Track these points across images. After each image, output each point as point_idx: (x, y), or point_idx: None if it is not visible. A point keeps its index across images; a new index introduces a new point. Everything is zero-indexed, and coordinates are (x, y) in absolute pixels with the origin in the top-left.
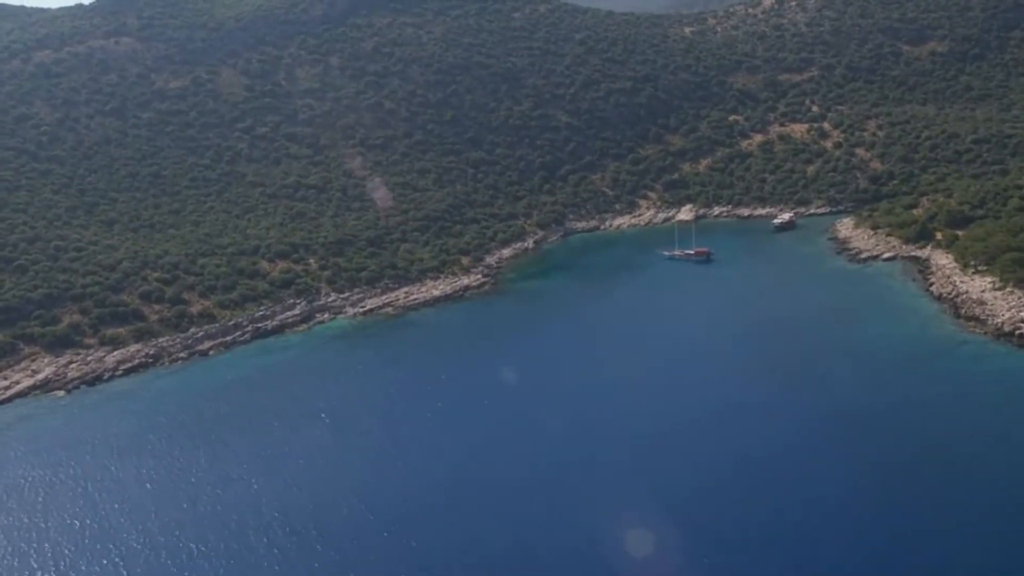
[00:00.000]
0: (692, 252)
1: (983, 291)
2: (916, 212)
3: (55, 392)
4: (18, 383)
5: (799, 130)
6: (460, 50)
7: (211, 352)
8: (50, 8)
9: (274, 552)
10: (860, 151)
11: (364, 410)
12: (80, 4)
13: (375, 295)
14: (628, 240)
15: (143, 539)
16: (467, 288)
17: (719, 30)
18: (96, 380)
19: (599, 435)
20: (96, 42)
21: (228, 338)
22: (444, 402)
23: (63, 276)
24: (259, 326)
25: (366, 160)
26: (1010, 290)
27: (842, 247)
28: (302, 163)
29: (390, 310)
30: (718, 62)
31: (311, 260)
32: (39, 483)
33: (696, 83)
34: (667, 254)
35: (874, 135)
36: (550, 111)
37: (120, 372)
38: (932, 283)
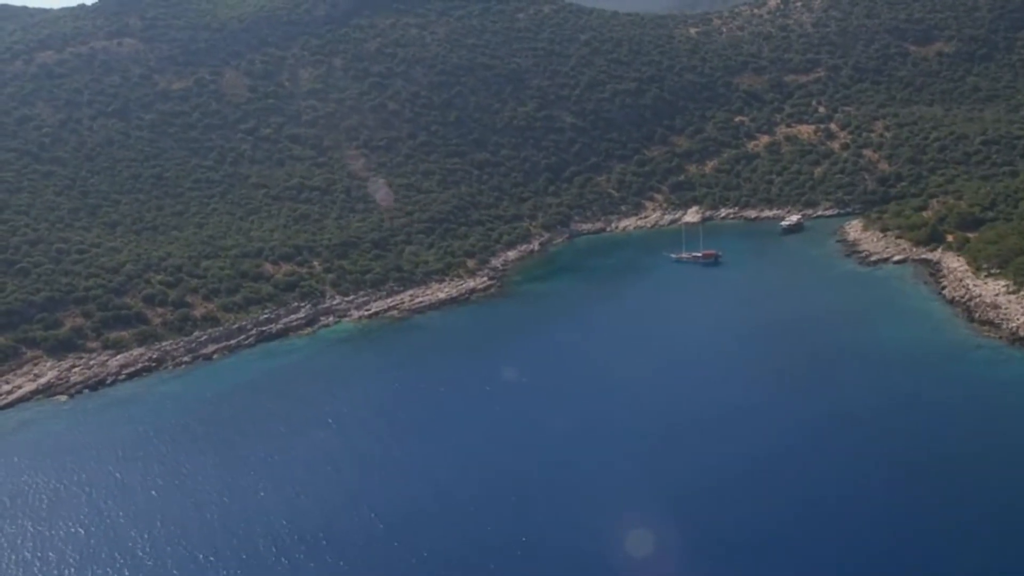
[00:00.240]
0: (700, 254)
1: (997, 295)
2: (926, 214)
3: (57, 397)
4: (20, 387)
5: (806, 131)
6: (464, 51)
7: (215, 356)
8: (52, 8)
9: (283, 562)
10: (868, 152)
11: (371, 414)
12: (82, 4)
13: (380, 298)
14: (634, 242)
15: (149, 547)
16: (473, 291)
17: (724, 31)
18: (99, 384)
19: (609, 439)
20: (99, 43)
21: (232, 342)
22: (452, 406)
23: (65, 279)
24: (263, 329)
25: (370, 161)
26: None
27: (851, 249)
28: (306, 165)
29: (395, 313)
30: (724, 63)
31: (315, 262)
32: (43, 489)
33: (702, 84)
34: (674, 256)
35: (881, 136)
36: (555, 112)
37: (123, 376)
38: (944, 286)
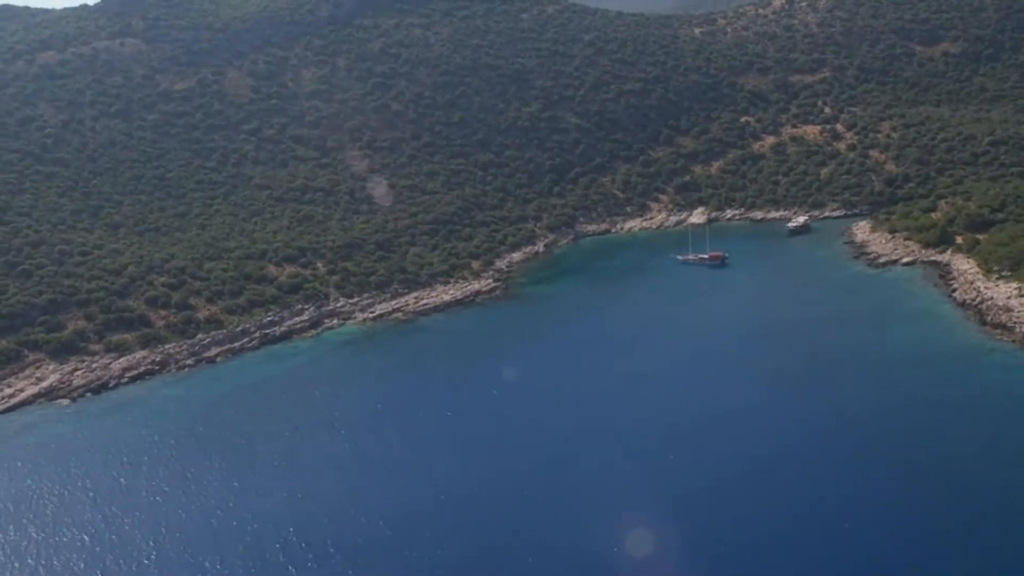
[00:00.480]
0: (706, 256)
1: (1009, 297)
2: (935, 216)
3: (60, 400)
4: (22, 391)
5: (812, 132)
6: (468, 51)
7: (218, 359)
8: (54, 9)
9: (290, 570)
10: (874, 153)
11: (377, 418)
12: (85, 5)
13: (384, 300)
14: (640, 243)
15: (155, 554)
16: (478, 293)
17: (729, 31)
18: (102, 388)
19: (618, 441)
20: (101, 43)
21: (236, 344)
22: (458, 409)
23: (68, 281)
24: (267, 332)
25: (373, 162)
26: None
27: (859, 251)
28: (309, 165)
29: (400, 315)
30: (728, 63)
31: (319, 264)
32: (48, 494)
33: (707, 84)
34: (681, 258)
35: (888, 137)
36: (559, 113)
37: (126, 380)
38: (955, 289)
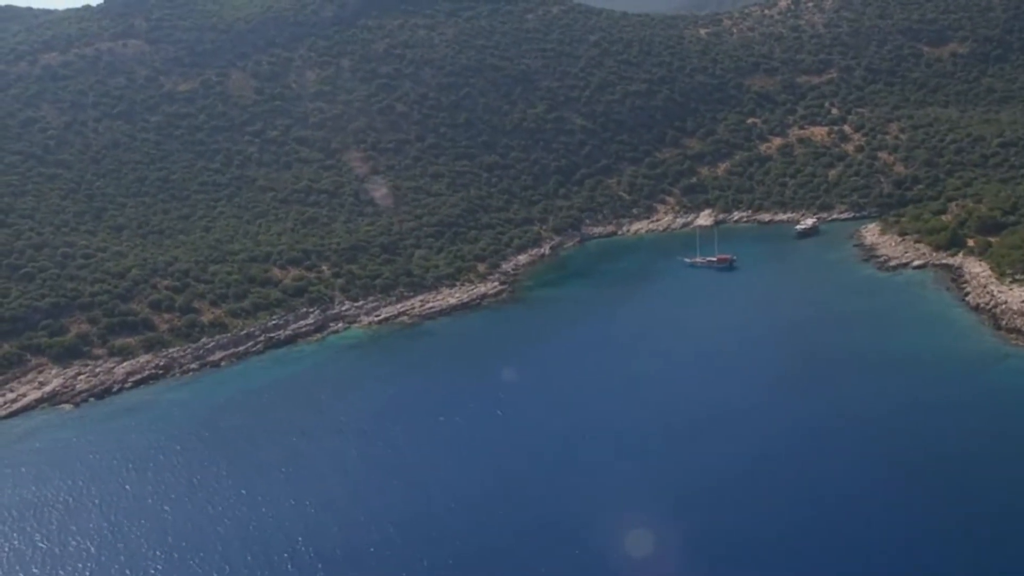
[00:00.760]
0: (714, 259)
1: (1023, 301)
2: (945, 218)
3: (63, 405)
4: (25, 396)
5: (819, 133)
6: (472, 52)
7: (223, 363)
8: (57, 10)
9: None
10: (883, 155)
11: (385, 423)
12: (87, 6)
13: (390, 303)
14: (647, 246)
15: (164, 564)
16: (484, 296)
17: (735, 31)
18: (105, 393)
19: (626, 444)
20: (104, 44)
21: (240, 348)
22: (466, 414)
23: (71, 284)
24: (272, 336)
25: (378, 164)
26: None
27: (869, 254)
28: (313, 167)
29: (406, 319)
30: (735, 64)
31: (324, 267)
32: (53, 502)
33: (713, 85)
34: (688, 261)
35: (897, 138)
36: (565, 114)
37: (130, 384)
38: (967, 293)
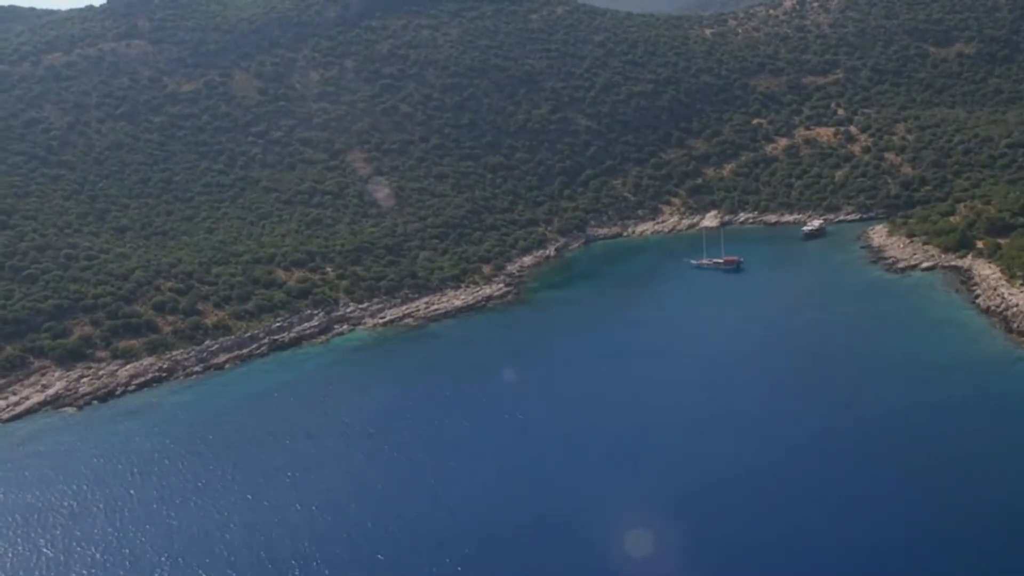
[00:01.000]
0: (721, 260)
1: None
2: (954, 219)
3: (66, 408)
4: (28, 399)
5: (825, 134)
6: (477, 52)
7: (227, 366)
8: (60, 10)
9: None
10: (890, 156)
11: (392, 426)
12: (91, 6)
13: (395, 305)
14: (653, 247)
15: (170, 570)
16: (489, 298)
17: (740, 32)
18: (109, 395)
19: (631, 445)
20: (107, 44)
21: (244, 351)
22: (472, 417)
23: (74, 286)
24: (276, 338)
25: (382, 165)
26: None
27: (877, 256)
28: (317, 168)
29: (411, 321)
30: (740, 64)
31: (328, 269)
32: (57, 507)
33: (718, 86)
34: (695, 262)
35: (903, 139)
36: (569, 114)
37: (133, 387)
38: (978, 295)
